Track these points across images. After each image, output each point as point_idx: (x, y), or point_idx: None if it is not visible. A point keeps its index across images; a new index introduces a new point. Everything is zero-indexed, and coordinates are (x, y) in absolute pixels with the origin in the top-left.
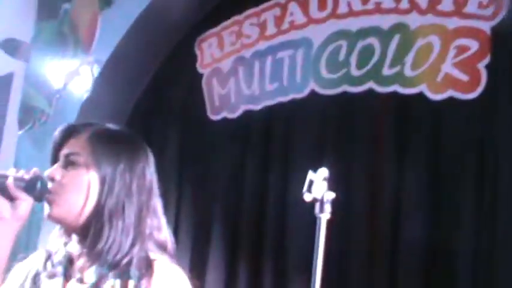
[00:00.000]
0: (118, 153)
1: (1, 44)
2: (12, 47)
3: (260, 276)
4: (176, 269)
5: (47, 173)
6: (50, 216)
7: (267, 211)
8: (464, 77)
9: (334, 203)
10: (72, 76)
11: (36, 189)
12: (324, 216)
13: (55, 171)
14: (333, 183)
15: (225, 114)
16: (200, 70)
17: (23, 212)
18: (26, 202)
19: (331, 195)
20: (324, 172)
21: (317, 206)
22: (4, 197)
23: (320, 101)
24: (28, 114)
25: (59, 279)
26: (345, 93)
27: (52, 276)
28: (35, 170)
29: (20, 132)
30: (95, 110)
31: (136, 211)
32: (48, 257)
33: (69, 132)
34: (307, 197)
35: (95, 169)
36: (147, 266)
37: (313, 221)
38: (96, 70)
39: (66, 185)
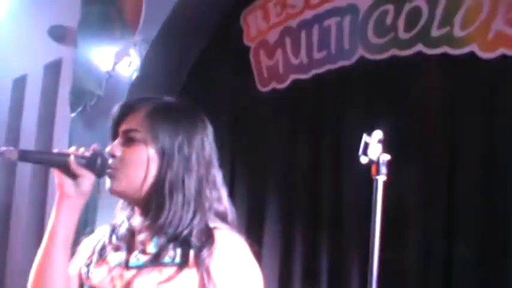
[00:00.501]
0: (176, 127)
1: (49, 31)
2: (59, 33)
3: (316, 245)
4: (237, 238)
5: (107, 149)
6: (111, 190)
7: (321, 178)
8: None
9: (389, 164)
10: (121, 57)
11: (97, 165)
12: (381, 178)
13: (115, 147)
14: (387, 145)
15: (273, 85)
16: (247, 43)
17: (85, 188)
18: (88, 179)
19: (387, 156)
20: (378, 134)
21: (373, 168)
22: (67, 174)
23: (369, 66)
24: (79, 97)
25: (123, 252)
26: (393, 57)
27: (117, 248)
28: (94, 146)
29: (72, 115)
30: (145, 89)
31: (195, 184)
32: (113, 230)
33: (127, 109)
34: (363, 160)
35: (154, 144)
36: (208, 236)
37: (369, 184)
38: (144, 49)
39: (126, 160)
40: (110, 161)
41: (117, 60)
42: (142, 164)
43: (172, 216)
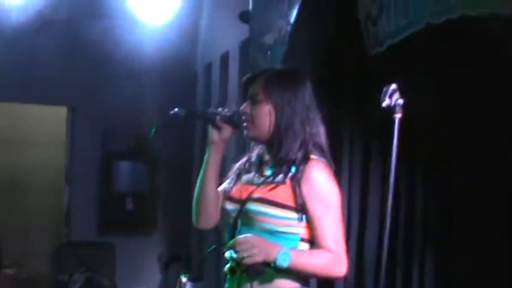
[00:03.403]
0: (283, 88)
1: (239, 15)
2: (246, 17)
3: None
4: (323, 166)
5: (241, 108)
6: (247, 136)
7: None
8: None
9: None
10: (278, 33)
11: (234, 121)
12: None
13: (246, 107)
14: None
15: None
16: None
17: (226, 136)
18: (227, 130)
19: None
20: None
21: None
22: (215, 127)
23: None
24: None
25: (251, 174)
26: None
27: (248, 171)
28: (234, 109)
29: None
30: (293, 61)
31: (299, 124)
32: (248, 159)
33: (251, 79)
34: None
35: (270, 102)
36: (305, 163)
37: None
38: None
39: (254, 115)
40: (244, 117)
41: (275, 37)
42: (265, 116)
43: (288, 148)
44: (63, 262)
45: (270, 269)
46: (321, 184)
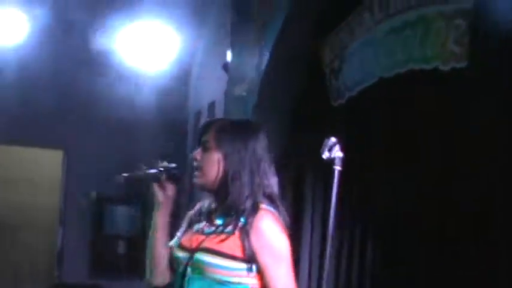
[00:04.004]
0: (233, 138)
1: (223, 66)
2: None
3: None
4: (272, 216)
5: (192, 155)
6: (195, 184)
7: None
8: None
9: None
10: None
11: (175, 175)
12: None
13: (197, 154)
14: None
15: None
16: None
17: (170, 194)
18: (170, 187)
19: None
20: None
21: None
22: (158, 187)
23: None
24: None
25: (202, 223)
26: None
27: (198, 221)
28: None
29: None
30: (262, 111)
31: (248, 175)
32: (199, 208)
33: (206, 127)
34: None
35: (220, 150)
36: (254, 213)
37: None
38: None
39: (203, 162)
40: (194, 163)
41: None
42: (213, 164)
43: (234, 198)
44: None
45: None
46: (270, 235)
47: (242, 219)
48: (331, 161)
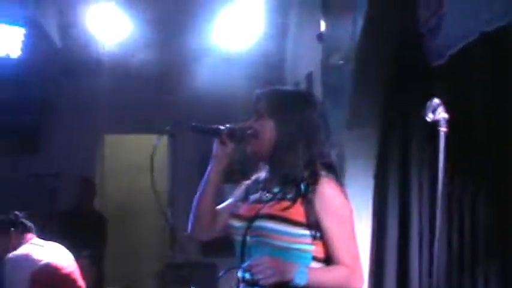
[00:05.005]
0: (287, 106)
1: (317, 37)
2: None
3: None
4: (333, 182)
5: (247, 123)
6: (249, 151)
7: None
8: None
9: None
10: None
11: (237, 135)
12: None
13: (251, 122)
14: None
15: None
16: None
17: (228, 151)
18: (230, 145)
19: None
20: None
21: None
22: (219, 141)
23: None
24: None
25: (258, 193)
26: None
27: (256, 190)
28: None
29: None
30: (362, 77)
31: (304, 143)
32: (255, 179)
33: (259, 96)
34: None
35: (273, 118)
36: (314, 181)
37: None
38: None
39: (258, 130)
40: (248, 131)
41: None
42: (267, 132)
43: (290, 166)
44: (168, 283)
45: None
46: (334, 200)
47: (302, 187)
48: (435, 123)
